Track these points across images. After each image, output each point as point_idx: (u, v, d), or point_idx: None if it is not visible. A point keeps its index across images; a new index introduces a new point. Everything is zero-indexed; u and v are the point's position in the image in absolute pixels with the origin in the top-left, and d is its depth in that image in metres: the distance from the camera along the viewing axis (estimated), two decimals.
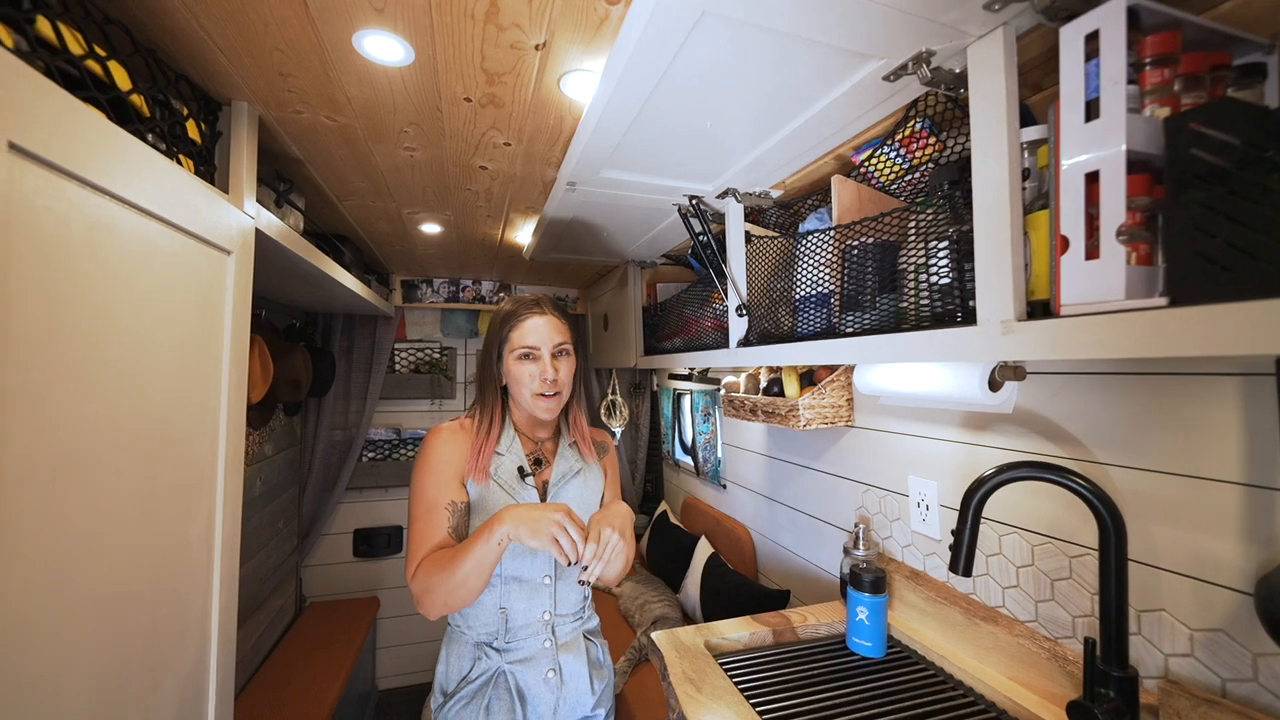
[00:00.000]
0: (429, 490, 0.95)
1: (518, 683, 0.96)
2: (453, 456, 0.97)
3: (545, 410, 1.00)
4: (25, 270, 0.49)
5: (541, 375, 0.98)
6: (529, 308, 1.01)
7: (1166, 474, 0.78)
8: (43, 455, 0.52)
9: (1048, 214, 0.63)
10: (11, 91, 0.46)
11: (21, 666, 0.49)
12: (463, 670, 0.96)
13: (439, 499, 0.94)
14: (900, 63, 0.70)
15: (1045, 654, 0.93)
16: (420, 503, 0.94)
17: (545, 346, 0.99)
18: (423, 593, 0.87)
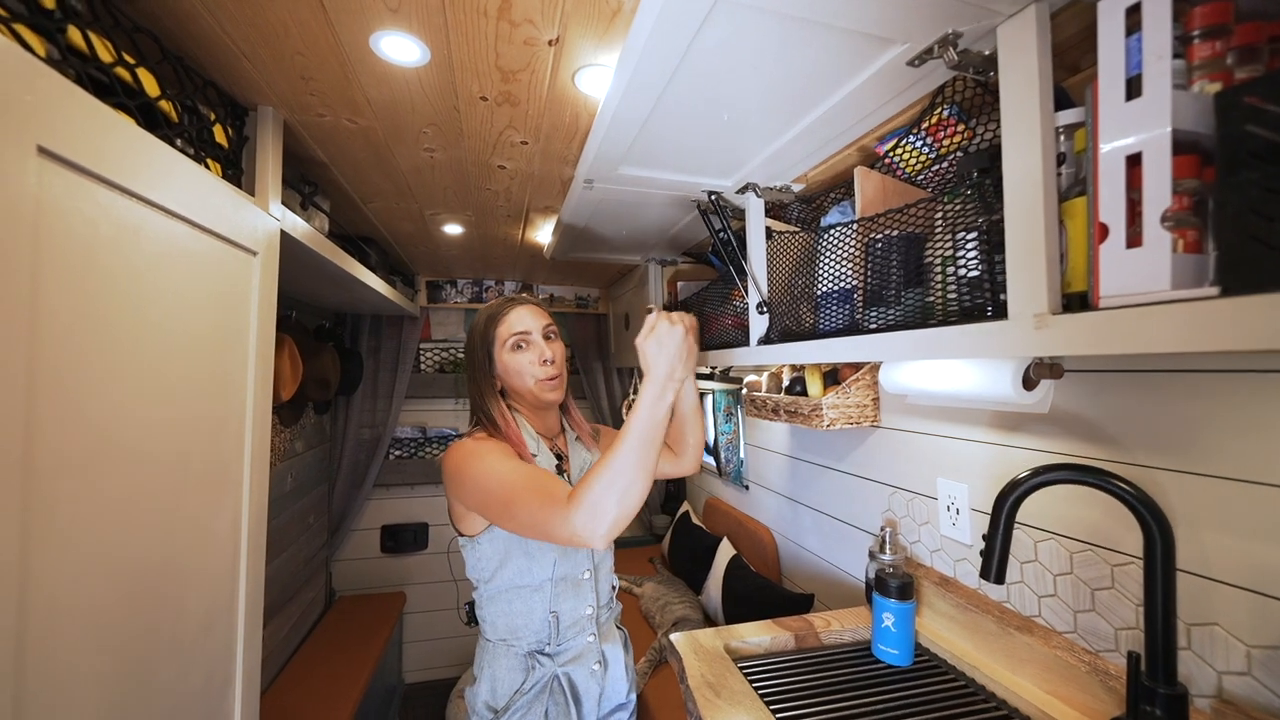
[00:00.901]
0: (504, 464, 0.83)
1: (571, 683, 0.96)
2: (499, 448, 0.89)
3: (551, 391, 0.99)
4: (55, 270, 0.51)
5: (540, 357, 0.97)
6: (508, 302, 1.01)
7: (1221, 479, 0.73)
8: (74, 449, 0.53)
9: (1085, 201, 0.60)
10: (40, 96, 0.48)
11: (55, 652, 0.51)
12: (515, 684, 0.93)
13: (524, 465, 0.84)
14: (925, 46, 0.67)
15: (1085, 667, 0.88)
16: (509, 474, 0.81)
17: (535, 330, 0.99)
18: (597, 503, 0.71)
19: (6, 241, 0.46)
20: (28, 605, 0.48)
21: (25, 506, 0.48)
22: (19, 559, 0.47)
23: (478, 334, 1.00)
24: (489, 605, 0.98)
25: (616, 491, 0.71)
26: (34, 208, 0.48)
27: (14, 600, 0.47)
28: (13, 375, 0.46)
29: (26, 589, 0.48)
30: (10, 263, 0.46)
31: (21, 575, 0.48)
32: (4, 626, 0.46)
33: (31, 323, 0.48)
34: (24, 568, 0.48)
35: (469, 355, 1.02)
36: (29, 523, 0.48)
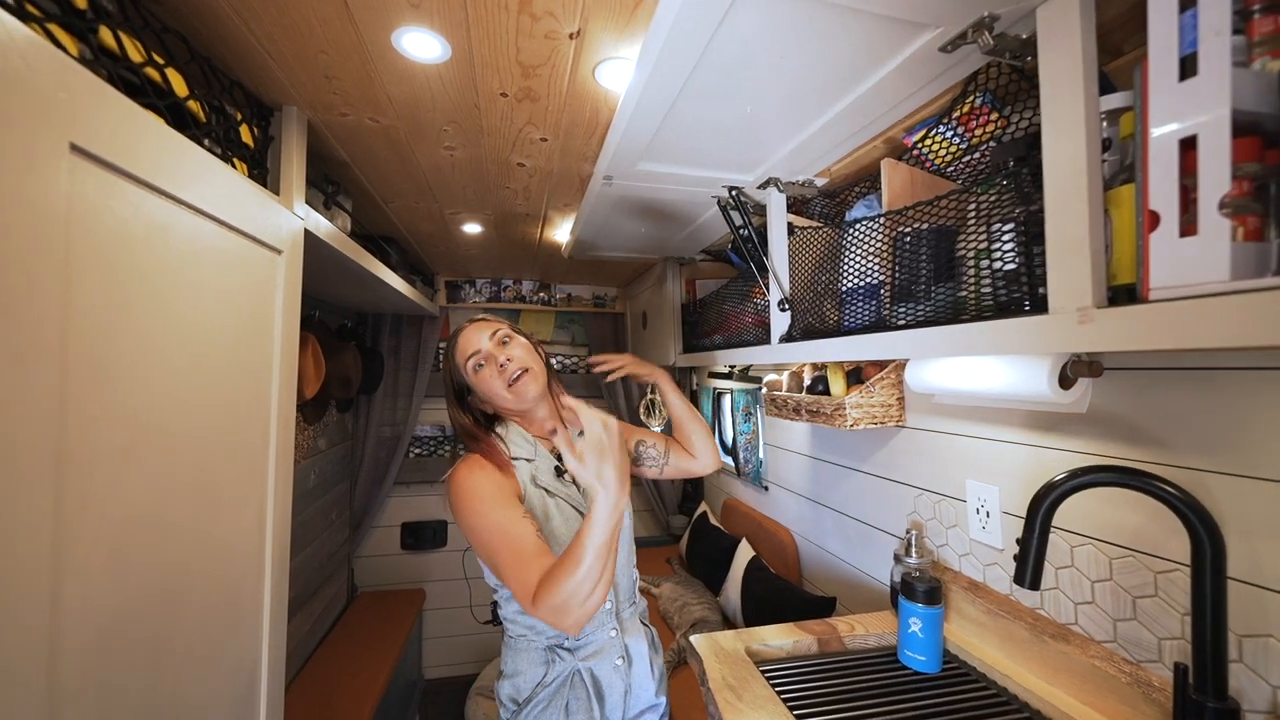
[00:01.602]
0: (494, 513, 0.86)
1: (594, 678, 0.96)
2: (497, 478, 0.91)
3: (524, 393, 0.97)
4: (87, 267, 0.52)
5: (498, 368, 0.97)
6: (456, 332, 1.03)
7: (1276, 482, 0.69)
8: (105, 443, 0.54)
9: (1132, 189, 0.57)
10: (73, 95, 0.49)
11: (87, 648, 0.52)
12: (536, 677, 0.95)
13: (512, 515, 0.86)
14: (959, 31, 0.65)
15: (1126, 678, 0.85)
16: (494, 530, 0.84)
17: (483, 344, 0.99)
18: (560, 607, 0.74)
19: (39, 238, 0.46)
20: (60, 601, 0.49)
21: (58, 501, 0.49)
22: (51, 554, 0.48)
23: (446, 370, 1.04)
24: (508, 606, 0.99)
25: (580, 599, 0.74)
26: (66, 205, 0.49)
27: (47, 596, 0.47)
28: (46, 371, 0.47)
29: (59, 584, 0.49)
30: (43, 259, 0.47)
31: (54, 571, 0.48)
32: (37, 623, 0.46)
33: (63, 319, 0.49)
34: (56, 563, 0.48)
35: (448, 388, 1.05)
36: (61, 518, 0.49)
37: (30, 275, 0.45)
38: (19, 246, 0.44)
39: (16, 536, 0.44)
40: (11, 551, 0.44)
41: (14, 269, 0.44)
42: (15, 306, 0.44)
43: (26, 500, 0.45)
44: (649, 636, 1.09)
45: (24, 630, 0.45)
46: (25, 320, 0.45)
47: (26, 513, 0.45)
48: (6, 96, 0.43)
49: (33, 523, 0.46)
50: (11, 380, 0.44)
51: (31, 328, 0.46)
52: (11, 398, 0.44)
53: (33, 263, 0.46)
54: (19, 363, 0.44)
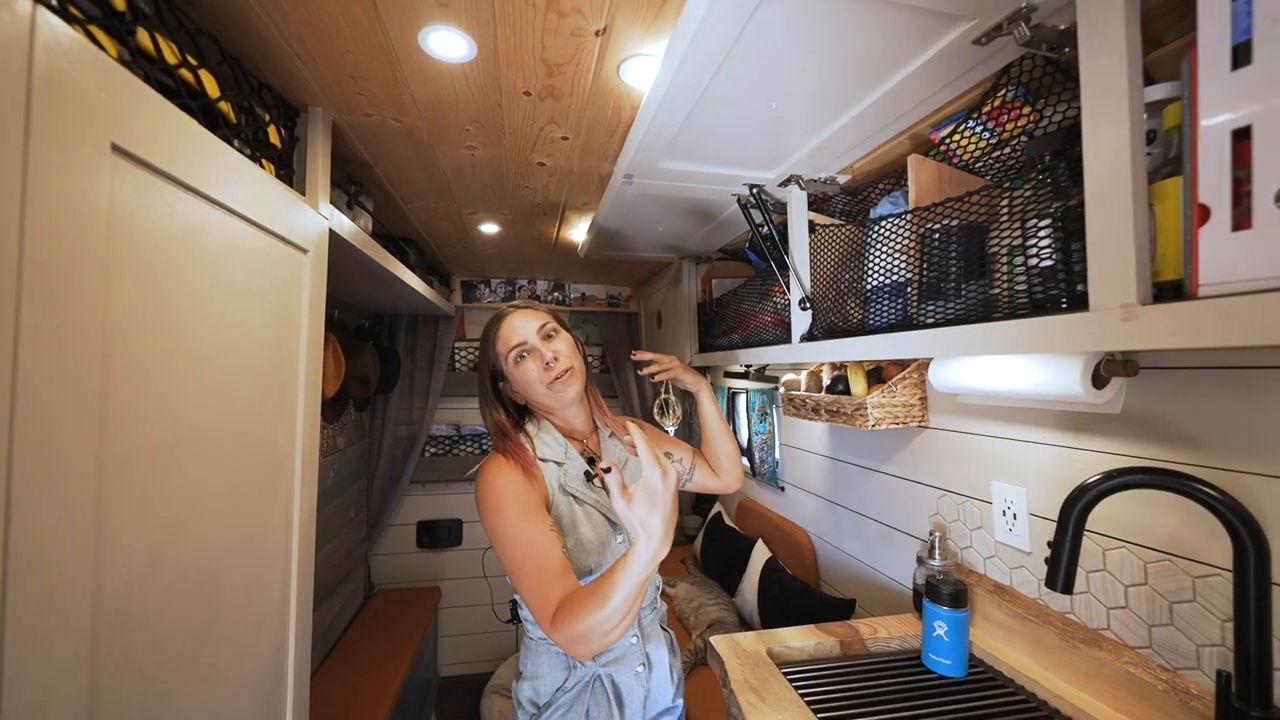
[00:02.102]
0: (520, 523, 0.83)
1: (614, 684, 0.94)
2: (523, 483, 0.88)
3: (564, 394, 0.95)
4: (127, 266, 0.52)
5: (542, 362, 0.94)
6: (499, 317, 0.99)
7: None
8: (143, 440, 0.55)
9: (1177, 182, 0.55)
10: (115, 95, 0.49)
11: (127, 641, 0.53)
12: (556, 681, 0.93)
13: (538, 526, 0.84)
14: (994, 22, 0.64)
15: (1162, 685, 0.83)
16: (518, 541, 0.82)
17: (530, 336, 0.96)
18: (579, 638, 0.72)
19: (83, 237, 0.47)
20: (101, 594, 0.50)
21: (100, 497, 0.49)
22: (94, 549, 0.49)
23: (484, 358, 0.99)
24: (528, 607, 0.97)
25: (599, 634, 0.72)
26: (108, 204, 0.49)
27: (89, 589, 0.48)
28: (89, 368, 0.48)
29: (101, 578, 0.49)
30: (86, 258, 0.47)
31: (96, 565, 0.49)
32: (80, 616, 0.47)
33: (105, 319, 0.50)
34: (98, 558, 0.49)
35: (479, 376, 1.01)
36: (103, 513, 0.50)
37: (75, 275, 0.46)
38: (65, 246, 0.45)
39: (61, 532, 0.45)
40: (57, 547, 0.45)
41: (60, 268, 0.45)
42: (61, 306, 0.45)
43: (71, 495, 0.46)
44: (668, 641, 1.08)
45: (68, 623, 0.46)
46: (70, 320, 0.46)
47: (71, 508, 0.46)
48: (52, 97, 0.44)
49: (76, 519, 0.47)
50: (58, 379, 0.44)
51: (76, 328, 0.46)
52: (57, 396, 0.44)
53: (77, 262, 0.46)
54: (64, 361, 0.45)
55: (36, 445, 0.43)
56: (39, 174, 0.43)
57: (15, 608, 0.41)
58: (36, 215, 0.42)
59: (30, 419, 0.42)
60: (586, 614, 0.71)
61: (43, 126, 0.43)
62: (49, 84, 0.43)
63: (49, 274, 0.43)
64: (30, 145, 0.42)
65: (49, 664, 0.44)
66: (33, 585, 0.42)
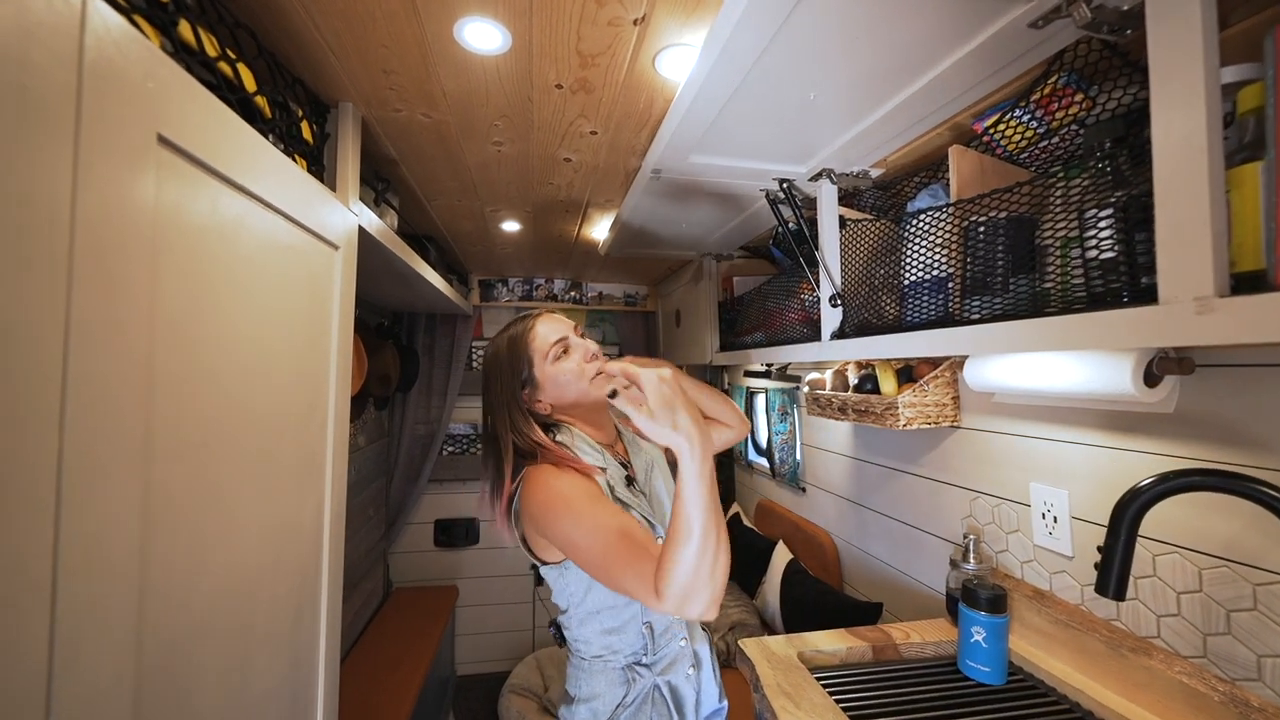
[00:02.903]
0: (597, 510, 0.77)
1: (672, 690, 0.92)
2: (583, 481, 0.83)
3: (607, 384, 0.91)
4: (172, 259, 0.52)
5: (585, 356, 0.92)
6: (528, 318, 0.95)
7: None
8: (187, 434, 0.54)
9: (1256, 168, 0.52)
10: (163, 86, 0.49)
11: (171, 633, 0.52)
12: (616, 698, 0.90)
13: (614, 509, 0.78)
14: (1054, 3, 0.61)
15: (1219, 697, 0.79)
16: (602, 529, 0.74)
17: (569, 332, 0.94)
18: (688, 589, 0.65)
19: (131, 229, 0.46)
20: (146, 595, 0.49)
21: (146, 493, 0.49)
22: (140, 545, 0.48)
23: (504, 361, 0.92)
24: (581, 627, 0.92)
25: (705, 573, 0.65)
26: (154, 196, 0.49)
27: (135, 591, 0.47)
28: (136, 362, 0.47)
29: (145, 573, 0.49)
30: (134, 250, 0.47)
31: (142, 565, 0.48)
32: (126, 618, 0.46)
33: (152, 310, 0.49)
34: (143, 554, 0.49)
35: (494, 388, 0.92)
36: (149, 510, 0.49)
37: (123, 267, 0.45)
38: (114, 237, 0.44)
39: (109, 530, 0.44)
40: (105, 546, 0.44)
41: (109, 260, 0.44)
42: (110, 299, 0.44)
43: (119, 493, 0.45)
44: (708, 638, 1.05)
45: (115, 627, 0.45)
46: (119, 313, 0.45)
47: (118, 505, 0.45)
48: (102, 86, 0.43)
49: (124, 517, 0.46)
50: (106, 373, 0.44)
51: (125, 321, 0.46)
52: (106, 391, 0.44)
53: (126, 254, 0.46)
54: (113, 355, 0.44)
55: (86, 442, 0.42)
56: (89, 163, 0.42)
57: (65, 609, 0.40)
58: (86, 205, 0.42)
59: (80, 415, 0.41)
60: (678, 559, 0.64)
61: (93, 115, 0.42)
62: (98, 72, 0.43)
63: (98, 265, 0.43)
64: (81, 134, 0.42)
65: (96, 672, 0.43)
66: (82, 585, 0.42)
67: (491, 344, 0.97)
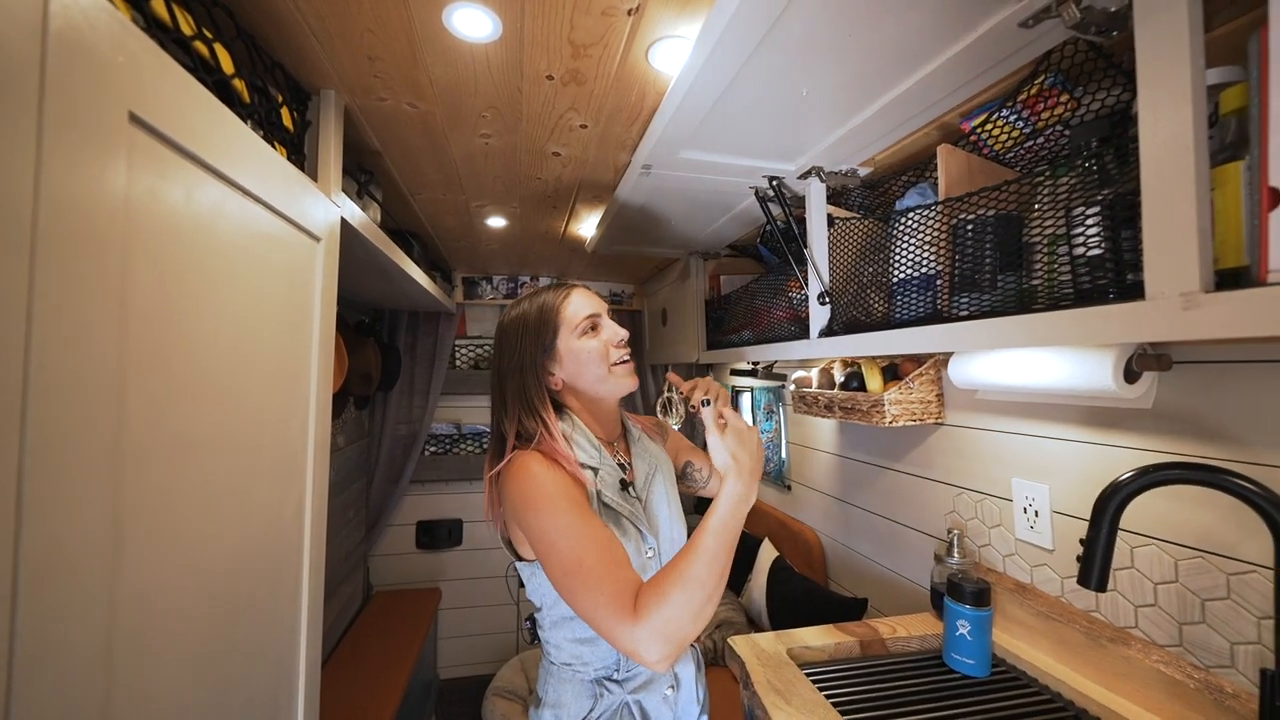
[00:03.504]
0: (574, 517, 0.72)
1: (643, 710, 0.87)
2: (569, 480, 0.78)
3: (628, 375, 0.89)
4: (145, 247, 0.49)
5: (616, 338, 0.88)
6: (563, 287, 0.90)
7: None
8: (161, 433, 0.52)
9: (1237, 167, 0.54)
10: (135, 61, 0.46)
11: (144, 640, 0.49)
12: (581, 710, 0.85)
13: (596, 521, 0.74)
14: (1044, 3, 0.62)
15: (1195, 684, 0.81)
16: (576, 535, 0.71)
17: (602, 311, 0.90)
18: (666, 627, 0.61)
19: (100, 215, 0.44)
20: (116, 594, 0.46)
21: (116, 496, 0.46)
22: (111, 549, 0.45)
23: (530, 323, 0.87)
24: (553, 630, 0.88)
25: (692, 609, 0.61)
26: (125, 180, 0.46)
27: (104, 597, 0.45)
28: (106, 359, 0.44)
29: (116, 578, 0.46)
30: (104, 238, 0.44)
31: (112, 570, 0.46)
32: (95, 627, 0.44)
33: (123, 302, 0.46)
34: (114, 558, 0.46)
35: (512, 350, 0.87)
36: (120, 512, 0.46)
37: (92, 257, 0.43)
38: (81, 224, 0.42)
39: (76, 535, 0.42)
40: (71, 551, 0.41)
41: (76, 249, 0.41)
42: (77, 291, 0.41)
43: (86, 495, 0.43)
44: (695, 657, 0.99)
45: (82, 635, 0.43)
46: (87, 307, 0.42)
47: (86, 509, 0.43)
48: (69, 59, 0.41)
49: (92, 520, 0.43)
50: (73, 371, 0.41)
51: (93, 315, 0.43)
52: (72, 389, 0.41)
53: (95, 242, 0.43)
54: (80, 352, 0.42)
55: (50, 442, 0.39)
56: (54, 142, 0.39)
57: (26, 620, 0.37)
58: (51, 187, 0.39)
59: (43, 413, 0.39)
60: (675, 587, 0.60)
61: (58, 90, 0.40)
62: (65, 43, 0.40)
63: (65, 253, 0.40)
64: (45, 110, 0.39)
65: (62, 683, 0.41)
66: (46, 594, 0.39)
67: (517, 304, 0.91)
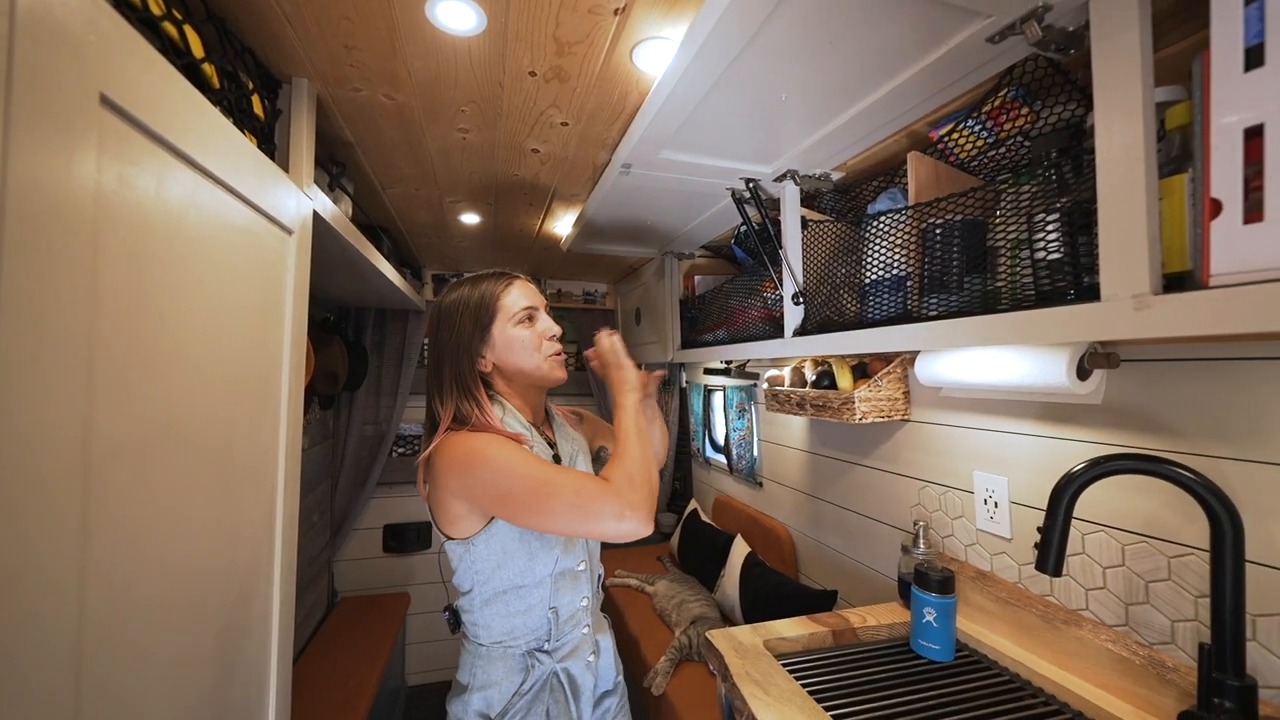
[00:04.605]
0: (523, 455, 0.79)
1: (570, 677, 0.94)
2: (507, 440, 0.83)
3: (559, 368, 0.96)
4: (116, 236, 0.47)
5: (549, 331, 0.94)
6: (505, 277, 0.95)
7: None
8: (131, 432, 0.49)
9: (1182, 179, 0.58)
10: (106, 41, 0.44)
11: (114, 647, 0.47)
12: (513, 685, 0.89)
13: (537, 458, 0.80)
14: (1010, 20, 0.66)
15: (1140, 660, 0.87)
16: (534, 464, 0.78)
17: (540, 305, 0.96)
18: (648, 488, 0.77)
19: (70, 202, 0.41)
20: (86, 598, 0.44)
21: (85, 497, 0.44)
22: (79, 551, 0.43)
23: (471, 306, 0.90)
24: (483, 609, 0.90)
25: (643, 462, 0.80)
26: (96, 165, 0.44)
27: (74, 592, 0.42)
28: (73, 352, 0.42)
29: (85, 581, 0.44)
30: (73, 227, 0.42)
31: (81, 568, 0.43)
32: (66, 622, 0.42)
33: (93, 295, 0.44)
34: (83, 560, 0.44)
35: (449, 329, 0.91)
36: (88, 513, 0.44)
37: (61, 246, 0.40)
38: (50, 211, 0.39)
39: (45, 538, 0.40)
40: (40, 555, 0.39)
41: (45, 238, 0.39)
42: (45, 282, 0.39)
43: (55, 497, 0.40)
44: (608, 623, 1.11)
45: (52, 641, 0.40)
46: (55, 298, 0.40)
47: (54, 511, 0.41)
48: (39, 36, 0.38)
49: (60, 523, 0.41)
50: (41, 367, 0.39)
51: (61, 307, 0.41)
52: (40, 387, 0.39)
53: (64, 231, 0.41)
54: (48, 346, 0.40)
55: (17, 443, 0.37)
56: (21, 123, 0.37)
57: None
58: (18, 172, 0.37)
59: (9, 410, 0.37)
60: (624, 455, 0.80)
61: (26, 69, 0.38)
62: (34, 19, 0.38)
63: (31, 241, 0.38)
64: (12, 90, 0.37)
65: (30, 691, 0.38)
66: (16, 595, 0.37)
67: (456, 288, 0.95)
